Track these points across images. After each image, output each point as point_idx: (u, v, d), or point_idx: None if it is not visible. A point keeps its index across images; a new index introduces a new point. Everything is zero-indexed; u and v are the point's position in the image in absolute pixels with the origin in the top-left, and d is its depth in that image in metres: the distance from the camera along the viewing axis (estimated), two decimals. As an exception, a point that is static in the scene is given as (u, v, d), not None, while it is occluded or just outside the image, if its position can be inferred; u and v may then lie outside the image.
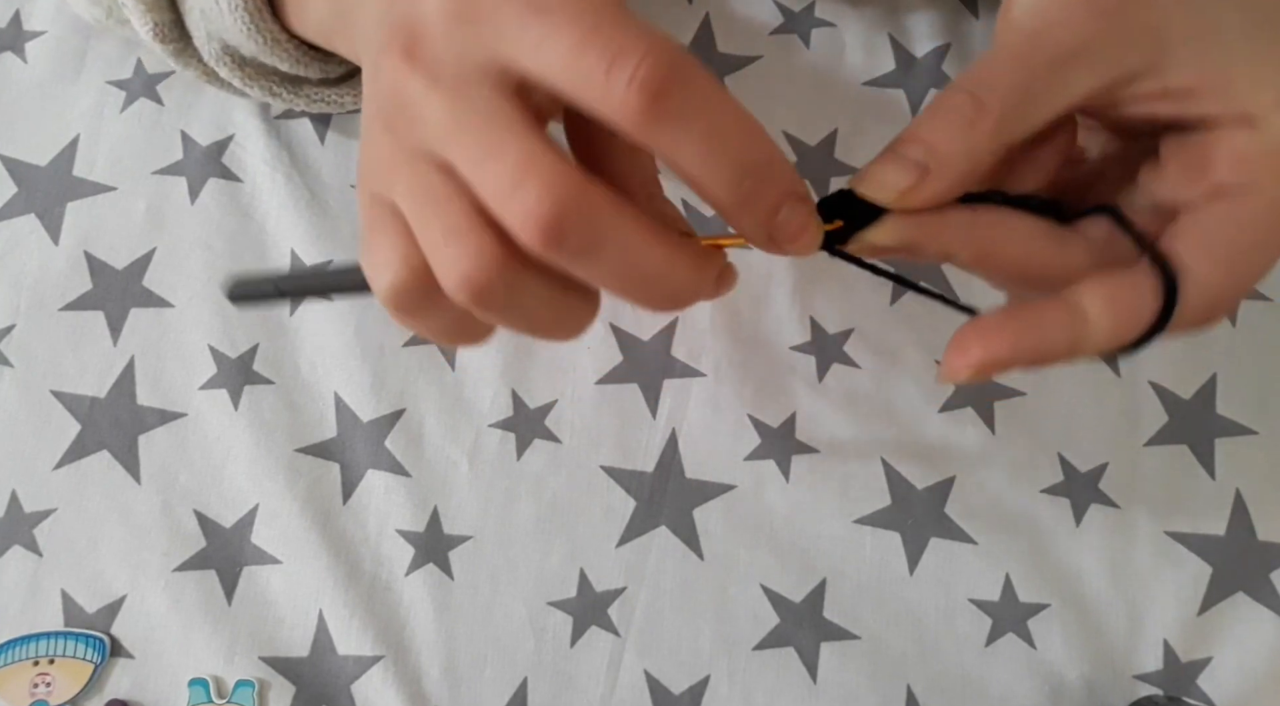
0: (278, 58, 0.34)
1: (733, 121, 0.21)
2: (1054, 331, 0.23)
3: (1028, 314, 0.23)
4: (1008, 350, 0.23)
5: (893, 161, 0.23)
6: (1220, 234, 0.23)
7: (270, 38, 0.33)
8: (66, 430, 0.39)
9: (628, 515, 0.38)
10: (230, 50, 0.35)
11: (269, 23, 0.33)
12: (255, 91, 0.37)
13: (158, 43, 0.36)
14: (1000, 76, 0.23)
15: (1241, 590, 0.37)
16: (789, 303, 0.40)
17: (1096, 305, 0.23)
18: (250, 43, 0.33)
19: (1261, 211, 0.23)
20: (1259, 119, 0.23)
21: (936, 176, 0.23)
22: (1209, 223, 0.23)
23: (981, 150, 0.23)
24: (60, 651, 0.37)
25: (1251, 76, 0.23)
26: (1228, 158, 0.23)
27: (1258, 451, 0.38)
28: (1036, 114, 0.23)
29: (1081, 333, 0.23)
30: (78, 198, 0.42)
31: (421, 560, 0.38)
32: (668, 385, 0.39)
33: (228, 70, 0.36)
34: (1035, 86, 0.23)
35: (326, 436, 0.39)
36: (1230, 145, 0.23)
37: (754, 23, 0.43)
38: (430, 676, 0.37)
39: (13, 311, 0.40)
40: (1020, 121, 0.23)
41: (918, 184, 0.23)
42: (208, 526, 0.38)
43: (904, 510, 0.38)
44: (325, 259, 0.40)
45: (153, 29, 0.35)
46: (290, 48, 0.34)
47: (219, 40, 0.35)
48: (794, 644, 0.37)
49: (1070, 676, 0.37)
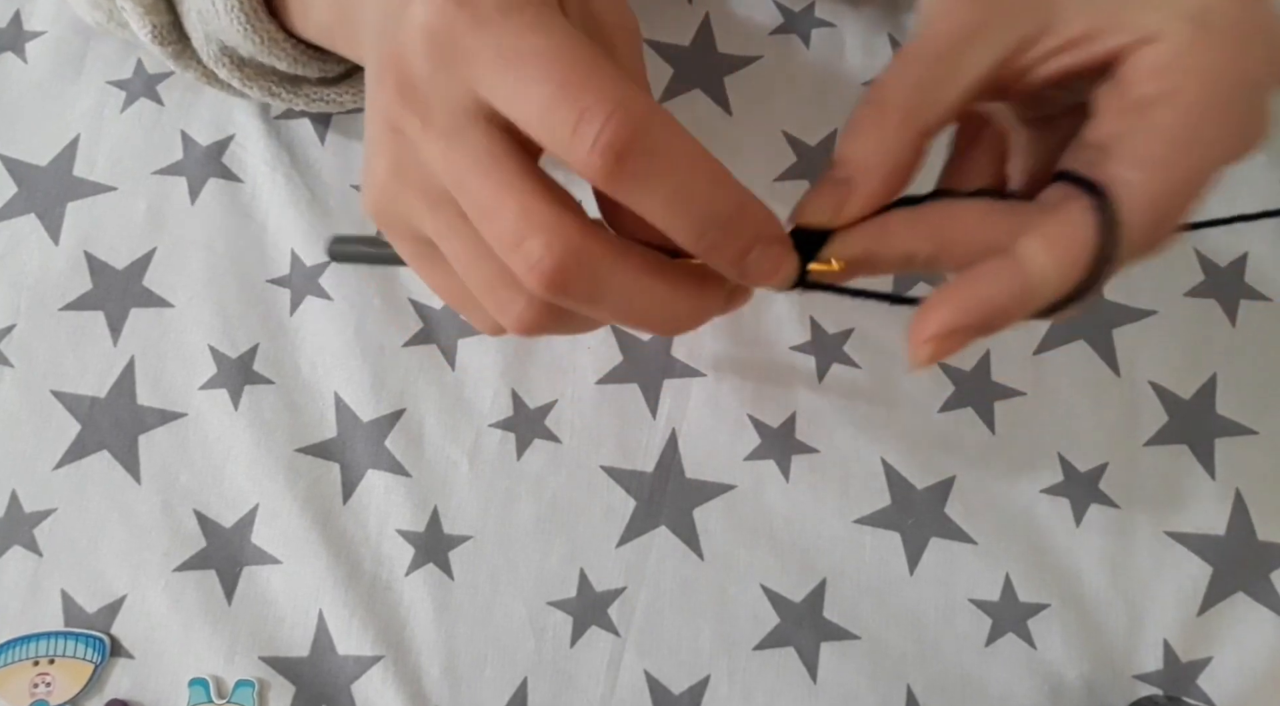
0: (275, 57, 0.34)
1: (698, 177, 0.21)
2: (998, 286, 0.23)
3: (970, 277, 0.23)
4: (958, 316, 0.23)
5: (822, 187, 0.24)
6: (1149, 140, 0.23)
7: (267, 38, 0.33)
8: (67, 430, 0.39)
9: (628, 515, 0.38)
10: (229, 51, 0.35)
11: (265, 23, 0.33)
12: (255, 92, 0.37)
13: (156, 45, 0.36)
14: (895, 78, 0.24)
15: (1241, 590, 0.37)
16: (789, 303, 0.40)
17: (1033, 248, 0.23)
18: (247, 43, 0.33)
19: (1182, 110, 0.23)
20: (1159, 33, 0.23)
21: (861, 184, 0.23)
22: (1136, 135, 0.23)
23: (894, 146, 0.23)
24: (60, 651, 0.37)
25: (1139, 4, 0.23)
26: (1142, 74, 0.23)
27: (1258, 451, 0.38)
28: (941, 100, 0.23)
29: (1026, 281, 0.23)
30: (78, 198, 0.42)
31: (421, 560, 0.38)
32: (668, 385, 0.39)
33: (227, 71, 0.36)
34: (931, 75, 0.23)
35: (326, 436, 0.39)
36: (1141, 63, 0.23)
37: (754, 23, 0.43)
38: (430, 676, 0.37)
39: (13, 311, 0.40)
40: (927, 109, 0.23)
41: (844, 200, 0.23)
42: (208, 526, 0.38)
43: (904, 510, 0.38)
44: (325, 259, 0.40)
45: (151, 31, 0.35)
46: (288, 47, 0.34)
47: (217, 41, 0.35)
48: (794, 644, 0.37)
49: (1070, 676, 0.37)
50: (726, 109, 0.42)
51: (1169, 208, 0.23)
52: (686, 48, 0.43)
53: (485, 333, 0.26)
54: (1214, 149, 0.23)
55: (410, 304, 0.40)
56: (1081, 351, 0.39)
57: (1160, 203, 0.23)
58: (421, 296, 0.40)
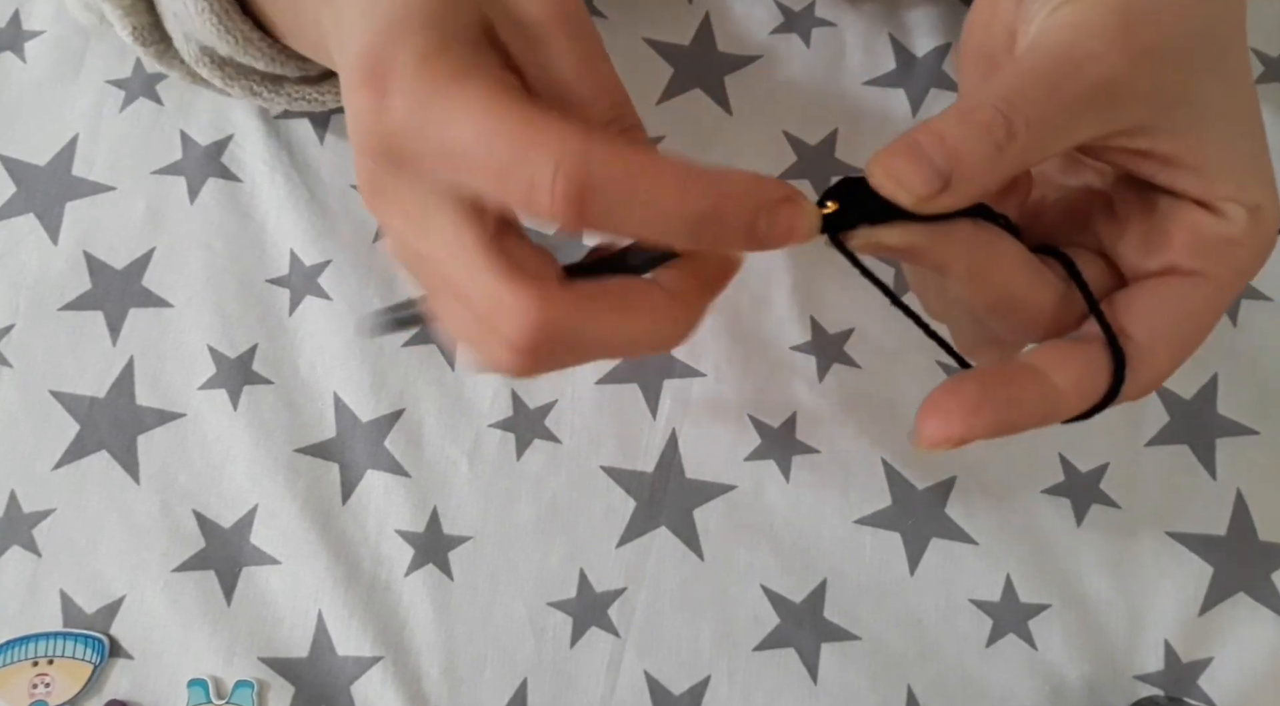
0: (252, 57, 0.34)
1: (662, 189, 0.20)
2: (1031, 405, 0.24)
3: (1005, 385, 0.24)
4: (988, 428, 0.23)
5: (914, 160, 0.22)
6: (1170, 315, 0.24)
7: (241, 37, 0.33)
8: (66, 430, 0.39)
9: (628, 515, 0.38)
10: (208, 51, 0.35)
11: (237, 22, 0.33)
12: (236, 91, 0.37)
13: (139, 46, 0.36)
14: (1031, 102, 0.22)
15: (1242, 590, 0.37)
16: (789, 303, 0.40)
17: (1068, 382, 0.23)
18: (222, 43, 0.33)
19: (1210, 300, 0.24)
20: (1219, 207, 0.23)
21: (956, 191, 0.22)
22: (1163, 307, 0.24)
23: (1001, 174, 0.22)
24: (59, 651, 0.37)
25: (1222, 160, 0.23)
26: (1187, 240, 0.24)
27: (1258, 451, 0.38)
28: (1052, 147, 0.23)
29: (1053, 409, 0.24)
30: (77, 197, 0.42)
31: (421, 560, 0.38)
32: (668, 385, 0.39)
33: (208, 70, 0.36)
34: (1060, 120, 0.22)
35: (326, 436, 0.39)
36: (1192, 227, 0.24)
37: (754, 22, 0.43)
38: (430, 677, 0.37)
39: (12, 311, 0.40)
40: (1039, 151, 0.22)
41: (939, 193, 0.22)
42: (207, 526, 0.38)
43: (904, 510, 0.38)
44: (325, 259, 0.40)
45: (132, 32, 0.35)
46: (264, 46, 0.34)
47: (196, 41, 0.35)
48: (794, 644, 0.37)
49: (1071, 676, 0.37)
50: (726, 109, 0.42)
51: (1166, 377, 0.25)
52: (686, 47, 0.43)
53: None
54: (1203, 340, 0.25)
55: (410, 304, 0.40)
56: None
57: (1163, 376, 0.25)
58: (421, 296, 0.40)
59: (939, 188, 0.22)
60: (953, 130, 0.22)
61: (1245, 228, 0.23)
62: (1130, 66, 0.22)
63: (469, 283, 0.22)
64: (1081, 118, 0.22)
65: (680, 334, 0.24)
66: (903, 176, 0.22)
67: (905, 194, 0.22)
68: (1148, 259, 0.24)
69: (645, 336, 0.23)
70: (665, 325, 0.23)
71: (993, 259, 0.24)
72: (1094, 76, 0.22)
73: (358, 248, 0.40)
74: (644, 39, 0.42)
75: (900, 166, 0.22)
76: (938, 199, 0.22)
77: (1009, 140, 0.22)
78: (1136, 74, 0.22)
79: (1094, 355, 0.24)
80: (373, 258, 0.40)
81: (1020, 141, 0.22)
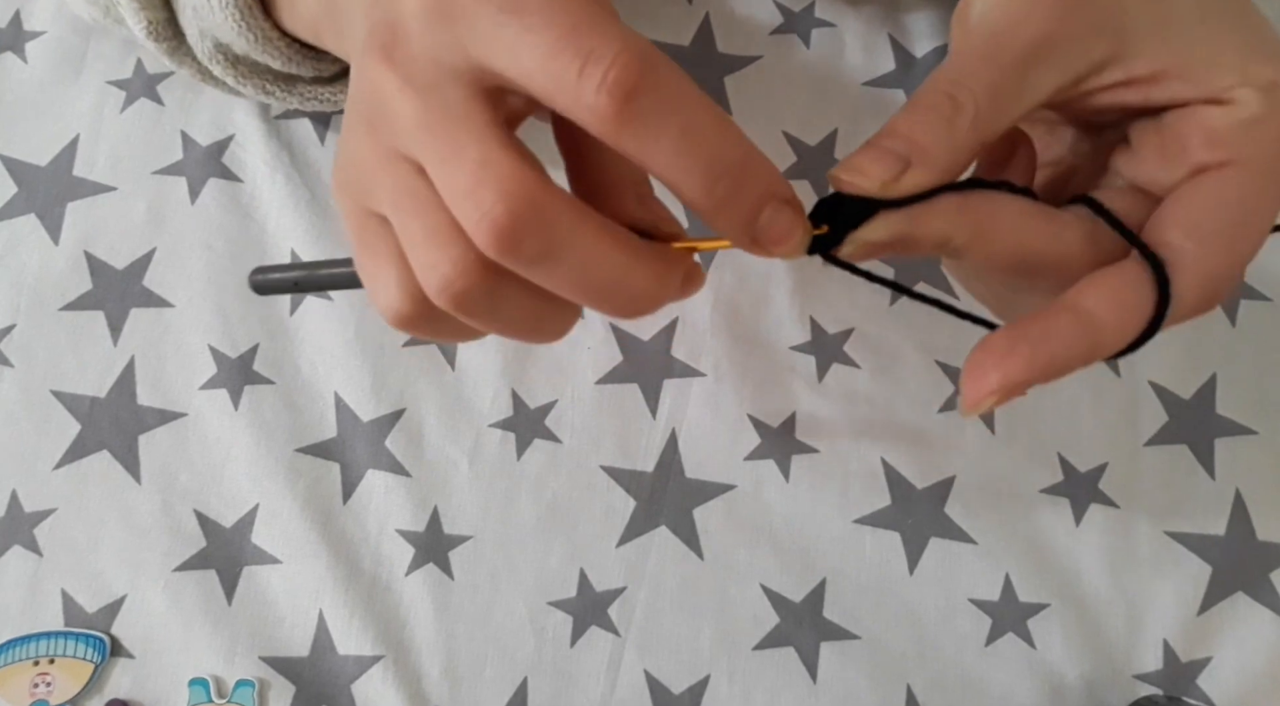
0: (269, 56, 0.34)
1: (707, 122, 0.21)
2: (1068, 341, 0.23)
3: (1038, 327, 0.23)
4: (1025, 369, 0.23)
5: (874, 152, 0.23)
6: (1208, 212, 0.23)
7: (261, 35, 0.33)
8: (67, 430, 0.39)
9: (628, 515, 0.38)
10: (223, 48, 0.35)
11: (259, 20, 0.33)
12: (249, 90, 0.37)
13: (151, 41, 0.36)
14: (975, 75, 0.23)
15: (1241, 590, 0.37)
16: (789, 303, 0.40)
17: (1102, 306, 0.23)
18: (241, 40, 0.33)
19: (1245, 185, 0.23)
20: (1228, 97, 0.23)
21: (919, 167, 0.23)
22: (1195, 203, 0.23)
23: (961, 146, 0.23)
24: (60, 651, 0.37)
25: (1209, 59, 0.23)
26: (1203, 136, 0.23)
27: (1257, 451, 0.38)
28: (1009, 111, 0.23)
29: (1095, 338, 0.23)
30: (78, 197, 0.42)
31: (421, 560, 0.38)
32: (668, 385, 0.39)
33: (221, 68, 0.36)
34: (1006, 85, 0.23)
35: (326, 436, 0.39)
36: (1204, 123, 0.23)
37: (754, 23, 0.43)
38: (430, 676, 0.37)
39: (13, 311, 0.40)
40: (994, 120, 0.23)
41: (901, 174, 0.23)
42: (208, 526, 0.38)
43: (904, 510, 0.38)
44: (326, 259, 0.40)
45: (146, 27, 0.35)
46: (282, 45, 0.34)
47: (211, 38, 0.35)
48: (794, 643, 0.37)
49: (1070, 676, 0.37)
50: (727, 109, 0.42)
51: (1224, 281, 0.23)
52: (686, 48, 0.43)
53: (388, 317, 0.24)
54: (1267, 224, 0.23)
55: (410, 304, 0.40)
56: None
57: (1216, 278, 0.23)
58: (421, 296, 0.40)
59: (900, 169, 0.22)
60: (902, 119, 0.23)
61: (1262, 106, 0.23)
62: (1064, 12, 0.23)
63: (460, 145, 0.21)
64: (1031, 75, 0.23)
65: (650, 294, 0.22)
66: (863, 167, 0.23)
67: (869, 182, 0.23)
68: (1172, 172, 0.24)
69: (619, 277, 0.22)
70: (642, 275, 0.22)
71: (991, 219, 0.23)
72: (1029, 35, 0.23)
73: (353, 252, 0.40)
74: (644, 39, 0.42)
75: (859, 161, 0.23)
76: (903, 179, 0.23)
77: (956, 113, 0.23)
78: (1074, 16, 0.23)
79: (1131, 273, 0.23)
80: (373, 258, 0.40)
81: (969, 112, 0.23)
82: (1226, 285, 0.23)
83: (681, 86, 0.20)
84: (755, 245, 0.22)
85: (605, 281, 0.21)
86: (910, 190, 0.23)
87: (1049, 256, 0.24)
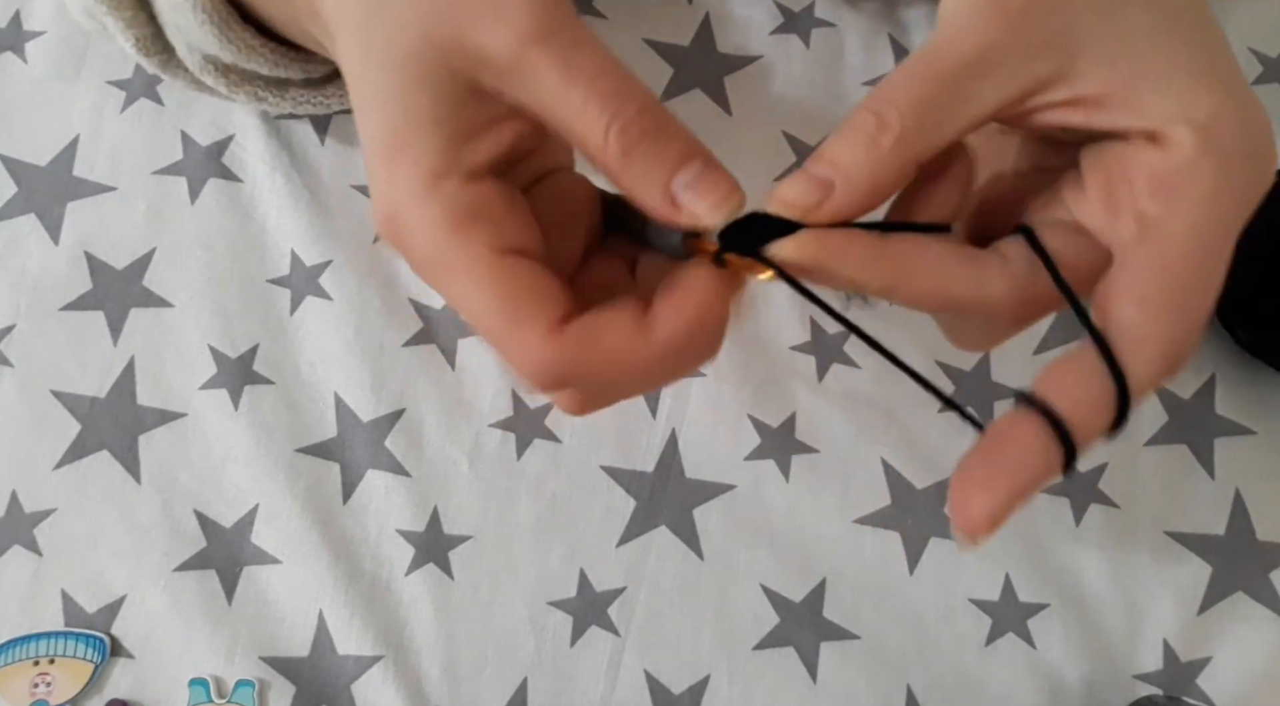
0: (255, 63, 0.34)
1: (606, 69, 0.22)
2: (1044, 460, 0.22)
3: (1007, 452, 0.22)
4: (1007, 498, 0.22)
5: (799, 179, 0.23)
6: (1157, 280, 0.22)
7: (243, 45, 0.33)
8: (67, 430, 0.39)
9: (628, 515, 0.38)
10: (211, 59, 0.35)
11: (238, 31, 0.33)
12: (241, 97, 0.37)
13: (142, 56, 0.36)
14: (903, 91, 0.22)
15: (1241, 590, 0.37)
16: (789, 303, 0.40)
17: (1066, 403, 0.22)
18: (225, 52, 0.33)
19: (1187, 240, 0.22)
20: (1164, 135, 0.22)
21: (841, 192, 0.22)
22: (1142, 270, 0.22)
23: (885, 166, 0.22)
24: (60, 651, 0.37)
25: (1157, 82, 0.22)
26: (1143, 179, 0.22)
27: (1257, 451, 0.38)
28: (942, 128, 0.22)
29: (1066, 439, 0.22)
30: (78, 198, 0.42)
31: (421, 560, 0.38)
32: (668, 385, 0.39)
33: (213, 78, 0.36)
34: (939, 99, 0.22)
35: (326, 436, 0.39)
36: (1143, 163, 0.22)
37: (754, 23, 0.43)
38: (430, 676, 0.37)
39: (13, 311, 0.40)
40: (925, 135, 0.22)
41: (822, 199, 0.22)
42: (208, 526, 0.38)
43: (904, 510, 0.38)
44: (326, 259, 0.40)
45: (135, 44, 0.35)
46: (265, 52, 0.34)
47: (199, 51, 0.35)
48: (794, 643, 0.37)
49: (1070, 676, 0.37)
50: (726, 109, 0.42)
51: (1185, 346, 0.22)
52: (686, 48, 0.43)
53: None
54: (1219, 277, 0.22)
55: (410, 304, 0.40)
56: (1081, 351, 0.39)
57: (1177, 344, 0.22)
58: (421, 296, 0.40)
59: (821, 195, 0.22)
60: (830, 142, 0.23)
61: (1194, 147, 0.22)
62: (1009, 26, 0.22)
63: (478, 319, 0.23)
64: (967, 91, 0.22)
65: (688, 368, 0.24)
66: (786, 194, 0.23)
67: (791, 208, 0.23)
68: (1117, 221, 0.23)
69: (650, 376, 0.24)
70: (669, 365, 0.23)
71: (907, 268, 0.23)
72: (967, 50, 0.22)
73: (358, 248, 0.40)
74: (644, 40, 0.42)
75: (784, 189, 0.23)
76: (825, 205, 0.22)
77: (882, 131, 0.22)
78: (1019, 30, 0.22)
79: (1088, 365, 0.22)
80: (373, 258, 0.40)
81: (895, 130, 0.22)
82: (1189, 349, 0.23)
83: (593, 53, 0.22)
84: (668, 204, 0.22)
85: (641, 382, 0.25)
86: (831, 215, 0.23)
87: (971, 301, 0.23)
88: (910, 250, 0.23)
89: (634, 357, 0.22)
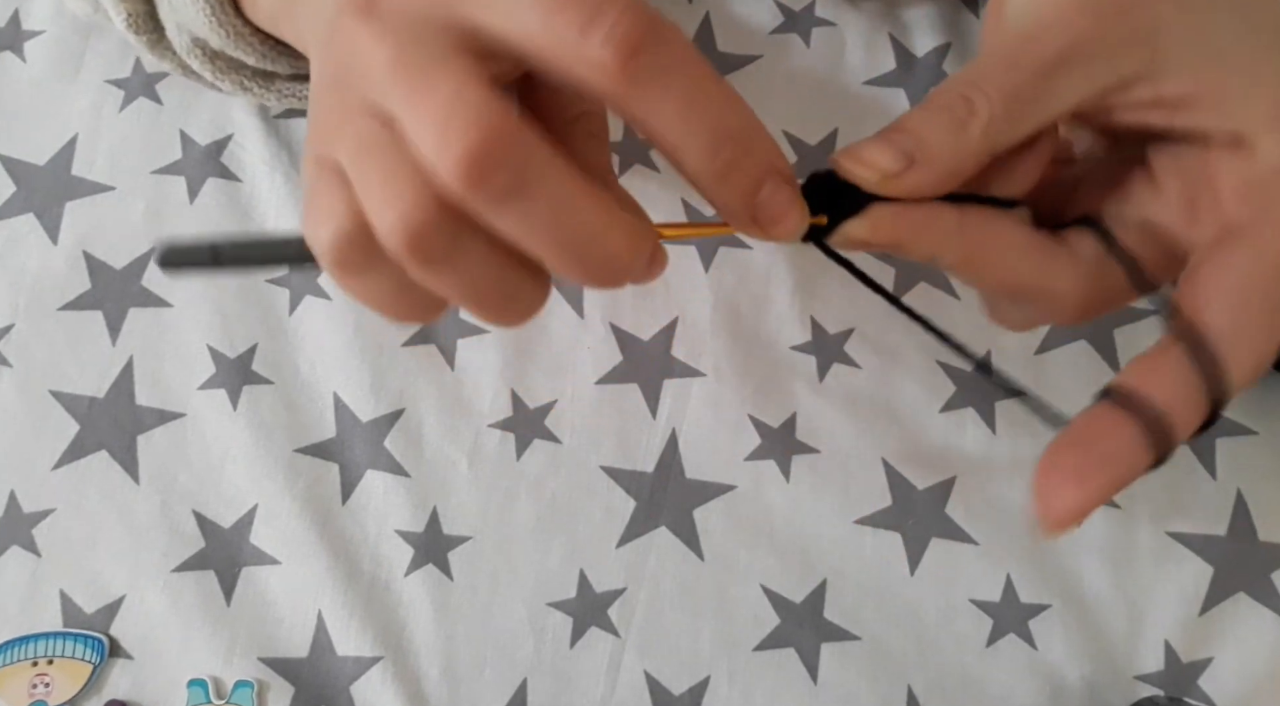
0: (243, 51, 0.34)
1: (713, 86, 0.20)
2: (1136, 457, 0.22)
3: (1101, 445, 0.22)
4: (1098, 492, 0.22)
5: (880, 144, 0.22)
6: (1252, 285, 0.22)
7: (234, 30, 0.33)
8: (65, 430, 0.39)
9: (628, 515, 0.38)
10: (200, 42, 0.35)
11: (230, 16, 0.33)
12: (227, 84, 0.37)
13: (132, 33, 0.36)
14: (993, 79, 0.22)
15: (1242, 590, 0.37)
16: (789, 303, 0.40)
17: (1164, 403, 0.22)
18: (215, 35, 0.33)
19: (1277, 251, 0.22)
20: (1251, 141, 0.22)
21: (922, 167, 0.22)
22: (1233, 275, 0.22)
23: (969, 152, 0.22)
24: (59, 651, 0.37)
25: (1244, 86, 0.22)
26: (1229, 188, 0.22)
27: (1258, 451, 0.38)
28: (1028, 119, 0.22)
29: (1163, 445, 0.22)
30: (76, 197, 0.42)
31: (421, 560, 0.38)
32: (668, 385, 0.39)
33: (199, 63, 0.36)
34: (1027, 92, 0.22)
35: (325, 436, 0.39)
36: (1229, 174, 0.22)
37: (754, 22, 0.43)
38: (430, 677, 0.37)
39: (11, 311, 0.40)
40: (1011, 126, 0.22)
41: (903, 171, 0.22)
42: (206, 526, 0.38)
43: (905, 510, 0.38)
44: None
45: (127, 19, 0.35)
46: (255, 41, 0.34)
47: (188, 32, 0.35)
48: (794, 644, 0.37)
49: (1071, 677, 0.37)
50: (726, 108, 0.42)
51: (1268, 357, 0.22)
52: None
53: (327, 259, 0.22)
54: None
55: (410, 304, 0.40)
56: (1083, 351, 0.39)
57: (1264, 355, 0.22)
58: (421, 296, 0.40)
59: (903, 165, 0.22)
60: (914, 116, 0.22)
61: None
62: (1097, 20, 0.22)
63: (434, 84, 0.19)
64: (1054, 83, 0.22)
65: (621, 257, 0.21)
66: (868, 157, 0.22)
67: (870, 173, 0.22)
68: (1198, 224, 0.23)
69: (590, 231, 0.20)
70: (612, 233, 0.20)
71: (984, 248, 0.23)
72: (1059, 41, 0.22)
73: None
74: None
75: (865, 150, 0.22)
76: (905, 177, 0.22)
77: (970, 116, 0.22)
78: (1109, 24, 0.22)
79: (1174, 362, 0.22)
80: (372, 257, 0.40)
81: (983, 116, 0.22)
82: (1273, 356, 0.22)
83: (687, 49, 0.20)
84: (753, 224, 0.22)
85: (577, 235, 0.20)
86: (909, 190, 0.22)
87: (1039, 290, 0.23)
88: (989, 227, 0.23)
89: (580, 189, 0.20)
